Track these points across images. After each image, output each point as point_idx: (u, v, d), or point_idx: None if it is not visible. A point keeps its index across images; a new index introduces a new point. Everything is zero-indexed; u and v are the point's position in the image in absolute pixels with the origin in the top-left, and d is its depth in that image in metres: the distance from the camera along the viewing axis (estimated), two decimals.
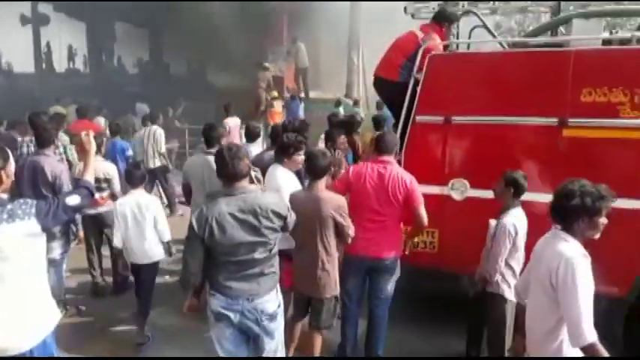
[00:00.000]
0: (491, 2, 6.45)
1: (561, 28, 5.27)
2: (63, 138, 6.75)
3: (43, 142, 4.67)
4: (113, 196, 5.38)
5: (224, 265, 2.85)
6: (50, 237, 3.41)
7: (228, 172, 2.80)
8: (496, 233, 3.63)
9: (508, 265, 3.63)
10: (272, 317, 2.94)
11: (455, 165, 4.41)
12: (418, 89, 4.50)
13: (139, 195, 4.53)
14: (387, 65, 4.97)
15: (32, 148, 5.78)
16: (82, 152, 2.85)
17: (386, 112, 12.55)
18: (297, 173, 4.26)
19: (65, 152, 6.50)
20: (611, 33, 5.10)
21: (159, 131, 8.50)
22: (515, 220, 3.61)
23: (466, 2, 5.99)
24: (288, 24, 16.63)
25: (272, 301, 2.94)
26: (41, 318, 2.51)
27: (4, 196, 2.51)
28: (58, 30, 22.03)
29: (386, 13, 5.25)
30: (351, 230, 3.54)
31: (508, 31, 11.04)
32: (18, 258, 2.39)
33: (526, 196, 4.09)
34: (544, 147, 4.17)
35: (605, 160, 4.00)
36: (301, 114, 13.06)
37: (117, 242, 4.50)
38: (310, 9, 15.17)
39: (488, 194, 4.18)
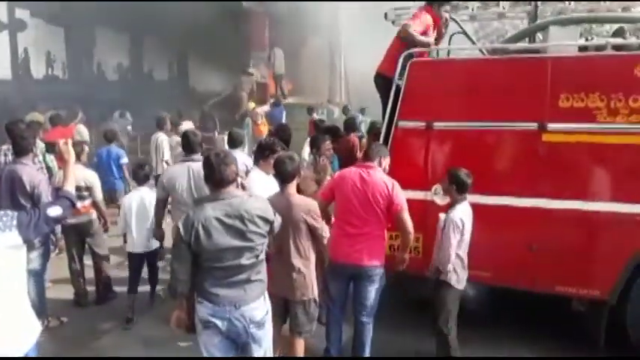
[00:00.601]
0: (470, 9, 6.57)
1: (539, 35, 5.38)
2: (40, 146, 6.64)
3: (21, 150, 4.56)
4: (95, 205, 5.33)
5: (210, 271, 2.83)
6: (29, 247, 3.34)
7: (216, 178, 2.80)
8: (445, 227, 3.83)
9: (458, 256, 3.85)
10: (260, 325, 2.93)
11: (437, 170, 4.45)
12: (400, 95, 4.55)
13: (144, 192, 5.10)
14: (389, 61, 4.92)
15: (10, 157, 5.67)
16: (61, 161, 2.85)
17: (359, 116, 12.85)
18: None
19: (44, 160, 6.41)
20: (587, 40, 5.22)
21: (161, 138, 8.35)
22: (462, 214, 3.83)
23: (448, 8, 6.07)
24: (270, 28, 16.65)
25: (260, 309, 2.93)
26: (22, 332, 2.49)
27: None
28: (36, 36, 21.70)
29: (368, 18, 5.28)
30: (325, 232, 3.58)
31: (486, 37, 11.18)
32: (3, 268, 2.38)
33: (506, 200, 4.20)
34: (524, 151, 4.24)
35: (583, 165, 4.09)
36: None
37: (119, 230, 5.13)
38: (292, 12, 15.22)
39: (471, 198, 4.25)
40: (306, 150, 6.74)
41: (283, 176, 3.61)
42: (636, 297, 3.95)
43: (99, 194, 5.41)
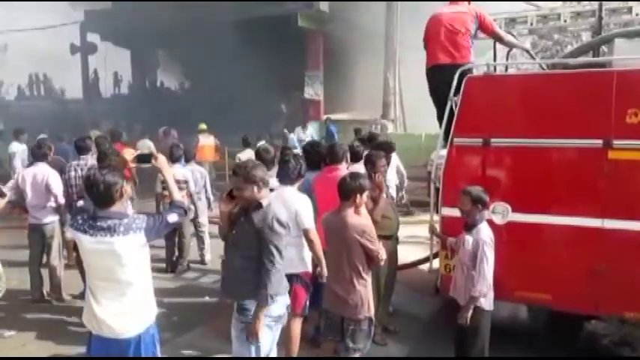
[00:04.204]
0: (529, 23, 6.43)
1: (603, 48, 5.18)
2: None
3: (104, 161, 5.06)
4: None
5: None
6: None
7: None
8: (479, 251, 3.66)
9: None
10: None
11: (495, 188, 4.34)
12: (456, 111, 4.49)
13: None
14: (451, 48, 4.87)
15: (80, 172, 5.96)
16: (162, 173, 3.19)
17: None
18: None
19: None
20: None
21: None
22: (489, 232, 3.76)
23: (503, 22, 5.98)
24: (324, 46, 16.90)
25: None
26: (146, 311, 2.95)
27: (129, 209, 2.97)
28: (105, 58, 23.08)
29: (421, 33, 5.31)
30: (382, 255, 3.55)
31: (544, 50, 10.86)
32: (132, 264, 2.81)
33: (569, 221, 4.03)
34: (588, 170, 4.07)
35: None
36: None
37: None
38: (345, 29, 15.40)
39: (532, 218, 4.13)
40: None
41: (341, 194, 3.63)
42: None
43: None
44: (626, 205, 3.90)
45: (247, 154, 8.38)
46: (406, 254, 6.98)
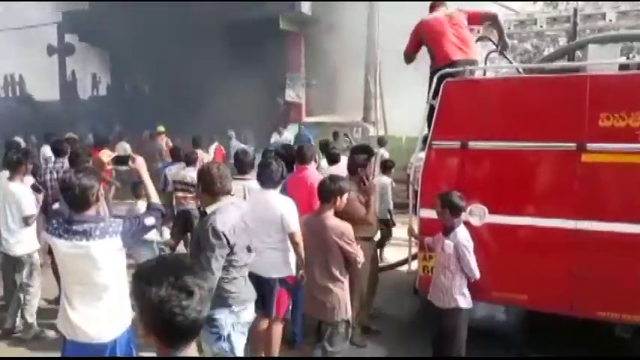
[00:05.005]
0: (507, 27, 6.53)
1: (578, 53, 5.29)
2: None
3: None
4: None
5: None
6: None
7: None
8: (460, 253, 3.76)
9: (465, 276, 3.81)
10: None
11: (473, 190, 4.39)
12: (434, 114, 4.54)
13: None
14: (462, 45, 4.91)
15: (55, 175, 5.86)
16: (138, 176, 3.14)
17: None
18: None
19: None
20: (627, 57, 5.10)
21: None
22: (466, 234, 3.84)
23: (481, 27, 6.05)
24: (305, 48, 16.90)
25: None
26: (122, 315, 2.90)
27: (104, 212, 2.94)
28: (83, 59, 22.75)
29: (402, 36, 5.36)
30: (359, 257, 3.58)
31: (522, 54, 11.04)
32: (108, 268, 2.77)
33: (544, 222, 4.10)
34: (562, 172, 4.14)
35: (624, 186, 3.96)
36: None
37: None
38: (325, 32, 15.42)
39: (508, 220, 4.20)
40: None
41: (321, 196, 3.64)
42: None
43: None
44: (599, 207, 3.98)
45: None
46: (385, 256, 7.06)
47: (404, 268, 5.18)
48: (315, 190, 3.86)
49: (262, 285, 3.78)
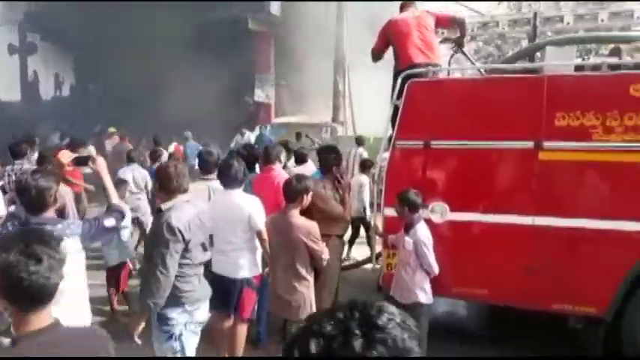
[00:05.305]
0: (470, 29, 6.67)
1: (538, 55, 5.43)
2: None
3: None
4: None
5: None
6: None
7: None
8: (419, 249, 3.83)
9: (424, 271, 3.87)
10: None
11: (435, 188, 4.48)
12: (398, 115, 4.60)
13: None
14: (425, 49, 4.97)
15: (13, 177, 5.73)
16: (99, 177, 3.06)
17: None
18: None
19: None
20: (583, 59, 5.27)
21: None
22: (426, 231, 3.92)
23: (445, 30, 6.16)
24: (275, 48, 16.88)
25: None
26: (80, 320, 2.83)
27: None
28: (45, 59, 22.17)
29: (371, 36, 5.42)
30: (325, 254, 3.61)
31: (486, 56, 11.29)
32: (66, 271, 2.60)
33: (503, 219, 4.21)
34: (521, 170, 4.26)
35: (579, 183, 4.11)
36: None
37: None
38: (294, 32, 15.45)
39: (469, 217, 4.30)
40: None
41: (287, 196, 3.65)
42: (630, 315, 3.92)
43: None
44: (555, 204, 4.12)
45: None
46: (353, 254, 7.12)
47: (369, 265, 5.23)
48: (281, 189, 3.87)
49: (229, 286, 3.76)
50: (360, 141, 10.98)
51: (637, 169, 3.91)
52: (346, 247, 6.37)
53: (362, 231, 7.23)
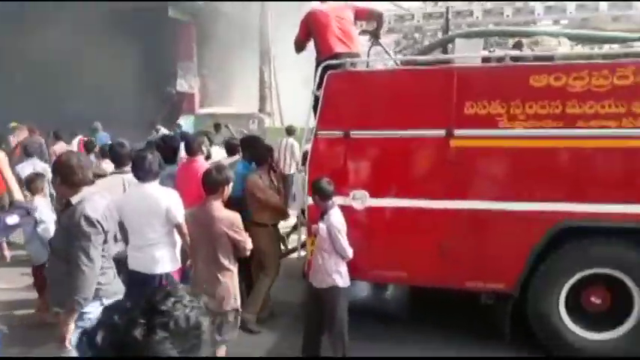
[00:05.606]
0: (388, 22, 6.88)
1: (450, 46, 5.71)
2: None
3: None
4: None
5: None
6: None
7: None
8: (332, 234, 3.92)
9: (340, 256, 3.98)
10: None
11: (355, 176, 4.62)
12: (319, 105, 4.69)
13: None
14: (345, 39, 5.03)
15: None
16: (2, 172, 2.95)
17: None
18: None
19: None
20: (490, 51, 5.60)
21: None
22: (339, 217, 4.00)
23: (364, 22, 6.30)
24: (197, 38, 16.47)
25: None
26: None
27: None
28: None
29: (295, 27, 5.46)
30: (248, 244, 3.63)
31: (405, 48, 11.64)
32: None
33: (419, 203, 4.42)
34: (434, 157, 4.49)
35: (488, 168, 4.40)
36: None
37: None
38: (218, 20, 15.13)
39: (387, 202, 4.47)
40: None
41: (208, 187, 3.62)
42: (534, 290, 4.27)
43: None
44: (466, 187, 4.38)
45: (61, 147, 8.74)
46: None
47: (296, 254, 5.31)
48: None
49: (147, 282, 3.69)
50: (290, 131, 11.03)
51: (538, 154, 4.25)
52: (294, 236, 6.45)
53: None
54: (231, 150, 6.56)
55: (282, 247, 5.50)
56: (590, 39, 5.09)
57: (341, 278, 3.97)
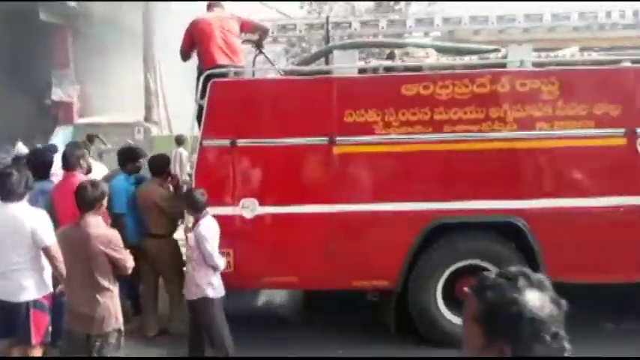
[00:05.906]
0: (272, 31, 7.00)
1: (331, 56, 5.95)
2: None
3: None
4: None
5: None
6: None
7: None
8: (199, 244, 3.93)
9: (210, 266, 3.99)
10: None
11: (244, 185, 4.65)
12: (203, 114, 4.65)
13: None
14: (228, 51, 5.00)
15: None
16: None
17: None
18: None
19: None
20: (365, 62, 5.93)
21: None
22: (208, 227, 4.00)
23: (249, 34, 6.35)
24: (74, 44, 15.43)
25: None
26: None
27: None
28: None
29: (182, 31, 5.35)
30: (128, 262, 3.51)
31: (294, 57, 11.96)
32: None
33: (306, 209, 4.57)
34: (319, 163, 4.66)
35: (366, 172, 4.66)
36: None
37: None
38: (98, 25, 14.35)
39: (276, 210, 4.56)
40: None
41: (83, 204, 3.43)
42: (413, 284, 4.60)
43: None
44: (349, 192, 4.61)
45: None
46: None
47: None
48: None
49: (12, 311, 3.44)
50: (179, 140, 10.82)
51: (411, 158, 4.59)
52: None
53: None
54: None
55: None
56: (453, 50, 5.58)
57: (212, 289, 3.95)
